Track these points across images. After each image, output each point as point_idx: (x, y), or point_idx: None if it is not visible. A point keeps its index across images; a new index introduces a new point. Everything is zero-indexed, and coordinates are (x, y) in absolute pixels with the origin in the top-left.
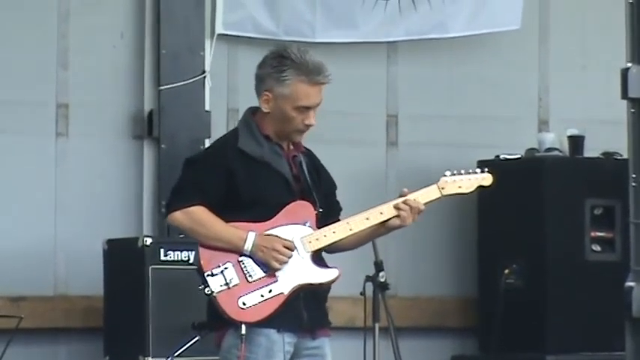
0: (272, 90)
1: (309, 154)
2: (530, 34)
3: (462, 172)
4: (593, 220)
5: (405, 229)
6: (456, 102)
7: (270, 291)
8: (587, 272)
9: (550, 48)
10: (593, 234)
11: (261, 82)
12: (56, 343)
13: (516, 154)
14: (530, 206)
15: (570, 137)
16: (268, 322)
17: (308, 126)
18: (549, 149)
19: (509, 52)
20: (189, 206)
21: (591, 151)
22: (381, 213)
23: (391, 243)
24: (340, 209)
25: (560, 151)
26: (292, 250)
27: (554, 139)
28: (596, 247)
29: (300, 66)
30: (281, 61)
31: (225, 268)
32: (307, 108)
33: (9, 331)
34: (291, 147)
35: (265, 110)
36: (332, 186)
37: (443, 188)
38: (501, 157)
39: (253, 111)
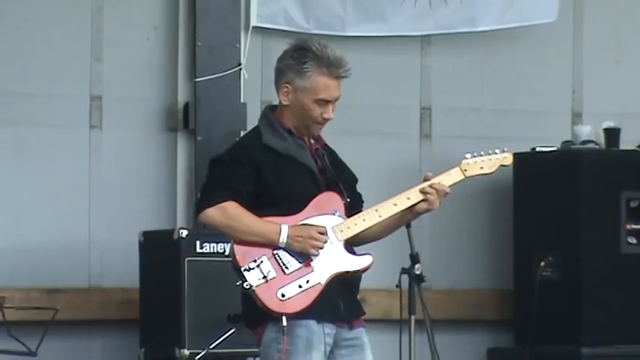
0: (292, 82)
1: (329, 149)
2: (565, 27)
3: (482, 153)
4: (629, 213)
5: (441, 221)
6: (489, 95)
7: (308, 281)
8: (622, 265)
9: (584, 41)
10: (628, 226)
11: (282, 75)
12: (92, 334)
13: (552, 147)
14: (566, 199)
15: (606, 130)
16: (308, 312)
17: (326, 120)
18: (585, 142)
19: (543, 45)
20: (221, 202)
21: (626, 143)
22: (408, 198)
23: (426, 236)
24: (362, 202)
25: (596, 144)
26: (325, 235)
27: (590, 132)
28: (632, 240)
29: (321, 59)
30: (302, 54)
31: (262, 262)
32: (327, 101)
33: (45, 322)
34: (312, 141)
35: (285, 103)
36: (353, 179)
37: (465, 170)
38: (537, 149)
39: (272, 108)
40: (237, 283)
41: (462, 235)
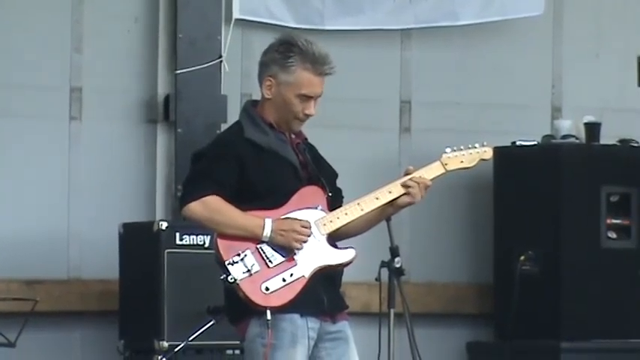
0: (276, 76)
1: (309, 144)
2: (545, 21)
3: (462, 147)
4: (609, 208)
5: (421, 215)
6: (469, 88)
7: (292, 275)
8: (602, 259)
9: (564, 35)
10: (608, 221)
11: (266, 68)
12: (71, 326)
13: (533, 141)
14: (546, 193)
15: (587, 124)
16: (292, 306)
17: (307, 116)
18: (565, 136)
19: (523, 39)
20: (204, 196)
21: (607, 138)
22: (390, 192)
23: (406, 229)
24: (342, 197)
25: (577, 139)
26: (309, 229)
27: (571, 126)
28: (612, 235)
29: (306, 54)
30: (288, 48)
31: (245, 256)
32: (309, 97)
33: (24, 314)
34: (293, 136)
35: (267, 96)
36: (333, 174)
37: (446, 164)
38: (518, 143)
39: (253, 103)
40: (222, 277)
41: (442, 229)
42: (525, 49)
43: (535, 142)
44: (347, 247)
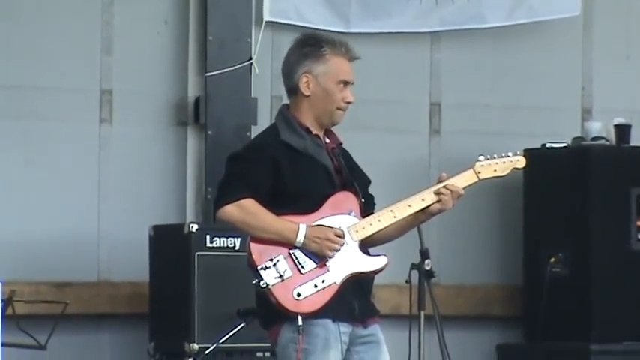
0: (311, 70)
1: (344, 149)
2: (575, 23)
3: (495, 156)
4: (639, 209)
5: (450, 217)
6: (499, 90)
7: (324, 281)
8: (632, 261)
9: (594, 37)
10: (638, 223)
11: (298, 66)
12: (101, 328)
13: (562, 143)
14: (576, 195)
15: (617, 126)
16: (324, 312)
17: (348, 103)
18: (595, 138)
19: (553, 41)
20: (239, 199)
21: (637, 140)
22: (423, 199)
23: (435, 231)
24: (374, 204)
25: (607, 140)
26: (342, 238)
27: (601, 128)
28: None
29: (335, 43)
30: (316, 40)
31: (278, 261)
32: (347, 83)
33: (54, 316)
34: (328, 140)
35: (306, 94)
36: (367, 180)
37: (479, 173)
38: (548, 145)
39: (288, 106)
40: (253, 282)
41: (472, 231)
42: (555, 50)
43: (565, 144)
44: (379, 255)
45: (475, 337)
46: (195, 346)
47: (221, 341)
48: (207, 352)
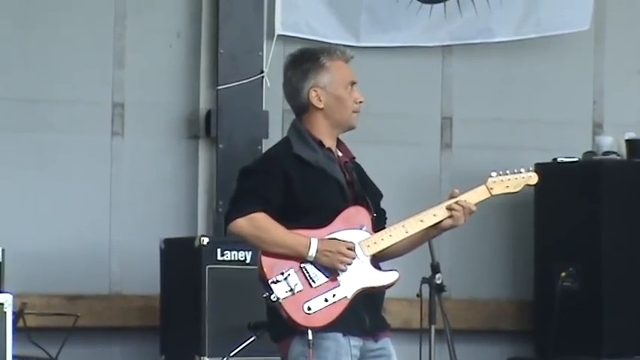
0: (318, 83)
1: (356, 163)
2: (586, 37)
3: (507, 172)
4: None
5: (461, 231)
6: (510, 104)
7: (334, 295)
8: None
9: (605, 51)
10: None
11: (303, 83)
12: (112, 341)
13: (574, 157)
14: (588, 209)
15: (628, 141)
16: (334, 326)
17: (361, 103)
18: (607, 152)
19: (564, 55)
20: (251, 213)
21: None
22: (435, 215)
23: (446, 245)
24: (386, 218)
25: (618, 155)
26: (354, 252)
27: (612, 143)
28: None
29: (329, 49)
30: (311, 54)
31: (289, 275)
32: (353, 83)
33: (66, 329)
34: (340, 154)
35: (319, 107)
36: (378, 194)
37: (491, 188)
38: (559, 160)
39: (300, 119)
40: (264, 296)
41: (483, 245)
42: (567, 65)
43: (576, 159)
44: (390, 270)
45: (486, 351)
46: (206, 359)
47: (232, 354)
48: None
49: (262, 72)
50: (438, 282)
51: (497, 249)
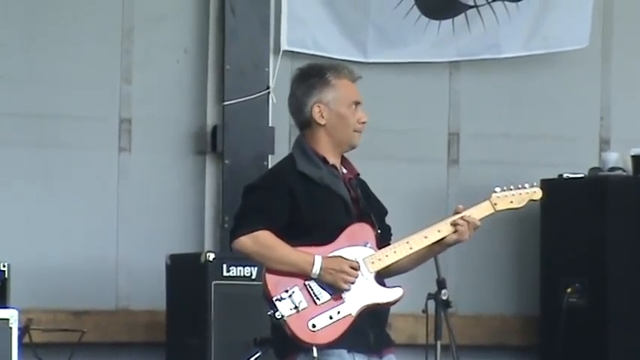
0: (321, 100)
1: (361, 180)
2: (593, 53)
3: (512, 187)
4: None
5: (467, 247)
6: (517, 120)
7: (339, 312)
8: None
9: (612, 67)
10: None
11: (307, 98)
12: (118, 357)
13: (580, 174)
14: (593, 225)
15: (634, 157)
16: (339, 343)
17: (363, 124)
18: (613, 168)
19: (571, 71)
20: (255, 231)
21: None
22: (439, 231)
23: (452, 261)
24: (391, 234)
25: (624, 171)
26: (358, 270)
27: (618, 159)
28: None
29: (337, 67)
30: (319, 70)
31: (293, 292)
32: (357, 104)
33: (71, 344)
34: (345, 171)
35: (321, 123)
36: (383, 211)
37: (496, 204)
38: (565, 176)
39: (305, 136)
40: (269, 313)
41: (489, 261)
42: (574, 80)
43: (582, 175)
44: (394, 286)
45: None
46: None
47: None
48: None
49: (268, 88)
50: (444, 298)
51: (503, 265)
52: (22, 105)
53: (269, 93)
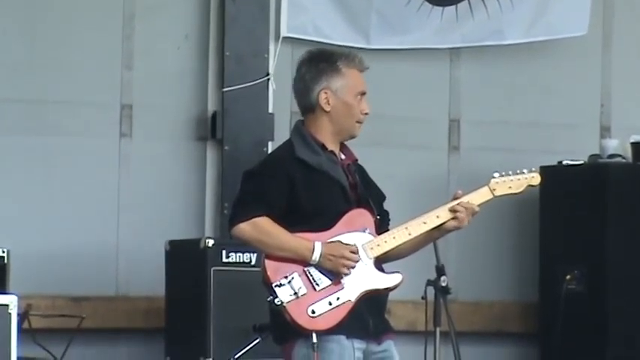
0: (329, 86)
1: (359, 166)
2: (594, 40)
3: (510, 172)
4: None
5: (467, 234)
6: (517, 107)
7: (338, 298)
8: None
9: (612, 55)
10: None
11: (315, 83)
12: (117, 343)
13: (579, 161)
14: (593, 212)
15: (634, 144)
16: (338, 329)
17: (366, 115)
18: (612, 155)
19: (572, 58)
20: (254, 217)
21: None
22: (438, 216)
23: (452, 248)
24: (389, 220)
25: (624, 158)
26: (358, 255)
27: (618, 146)
28: None
29: (348, 55)
30: (330, 55)
31: (293, 278)
32: (363, 94)
33: (70, 330)
34: (343, 156)
35: (327, 109)
36: (381, 196)
37: (494, 190)
38: (564, 163)
39: (303, 122)
40: (268, 299)
41: (488, 248)
42: (574, 68)
43: (581, 162)
44: (393, 272)
45: (491, 353)
46: None
47: (237, 356)
48: None
49: (268, 74)
50: (443, 284)
51: (502, 252)
52: (23, 91)
53: (269, 79)
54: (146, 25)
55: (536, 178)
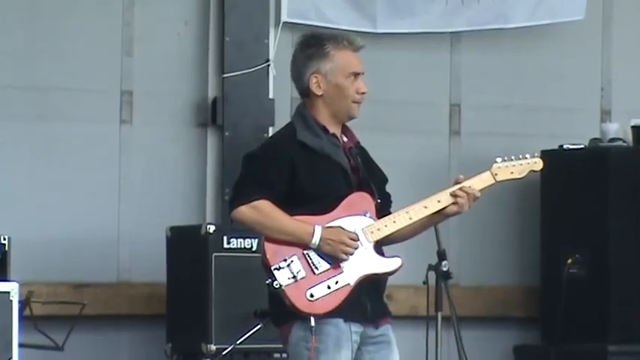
0: (319, 70)
1: (361, 148)
2: (594, 25)
3: (513, 157)
4: None
5: (468, 218)
6: (518, 92)
7: (337, 282)
8: None
9: (613, 38)
10: None
11: (305, 68)
12: (119, 329)
13: (580, 144)
14: (594, 196)
15: (634, 127)
16: (336, 312)
17: (363, 94)
18: (613, 139)
19: (572, 42)
20: (255, 200)
21: None
22: (439, 201)
23: (453, 232)
24: (391, 202)
25: (624, 142)
26: (357, 241)
27: (618, 130)
28: None
29: (337, 37)
30: (318, 40)
31: (292, 262)
32: (357, 75)
33: (72, 317)
34: (345, 139)
35: (318, 93)
36: (383, 179)
37: (496, 174)
38: (565, 147)
39: (305, 105)
40: (267, 282)
41: (489, 232)
42: (575, 52)
43: (582, 146)
44: (393, 256)
45: (493, 338)
46: (213, 347)
47: (238, 342)
48: (224, 353)
49: (268, 60)
50: (445, 269)
51: (503, 236)
52: (24, 78)
53: (269, 65)
54: (146, 12)
55: (538, 164)
